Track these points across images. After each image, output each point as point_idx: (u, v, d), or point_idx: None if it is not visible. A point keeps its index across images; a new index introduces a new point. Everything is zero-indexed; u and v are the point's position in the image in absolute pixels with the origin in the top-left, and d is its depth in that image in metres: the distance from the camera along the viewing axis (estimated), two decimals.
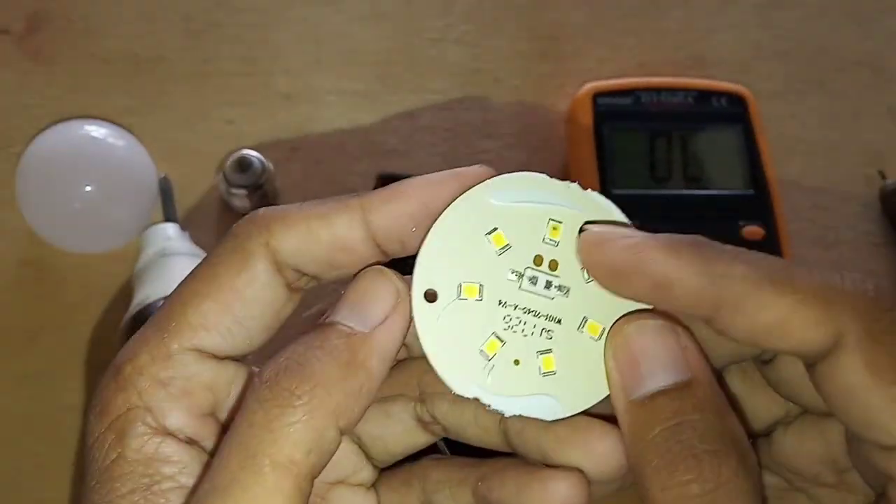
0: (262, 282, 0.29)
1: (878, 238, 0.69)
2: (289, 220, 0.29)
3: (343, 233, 0.29)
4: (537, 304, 0.30)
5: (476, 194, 0.30)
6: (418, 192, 0.30)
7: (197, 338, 0.29)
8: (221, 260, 0.29)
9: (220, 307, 0.29)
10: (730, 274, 0.27)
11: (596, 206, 0.30)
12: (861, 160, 0.71)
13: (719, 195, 0.64)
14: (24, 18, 0.75)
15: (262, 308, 0.30)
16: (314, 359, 0.27)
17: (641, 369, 0.28)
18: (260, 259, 0.29)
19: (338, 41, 0.75)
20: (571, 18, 0.77)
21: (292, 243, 0.29)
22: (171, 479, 0.28)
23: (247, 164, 0.65)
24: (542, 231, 0.30)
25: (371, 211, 0.29)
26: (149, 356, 0.29)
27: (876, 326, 0.26)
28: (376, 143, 0.71)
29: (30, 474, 0.60)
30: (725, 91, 0.67)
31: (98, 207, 0.63)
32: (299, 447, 0.26)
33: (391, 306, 0.29)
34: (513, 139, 0.72)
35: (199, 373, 0.29)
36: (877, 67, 0.75)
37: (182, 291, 0.29)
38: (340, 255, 0.30)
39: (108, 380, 0.29)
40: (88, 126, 0.65)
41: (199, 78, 0.73)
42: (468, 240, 0.30)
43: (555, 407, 0.29)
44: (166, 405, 0.28)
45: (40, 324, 0.64)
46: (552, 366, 0.29)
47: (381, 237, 0.29)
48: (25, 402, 0.61)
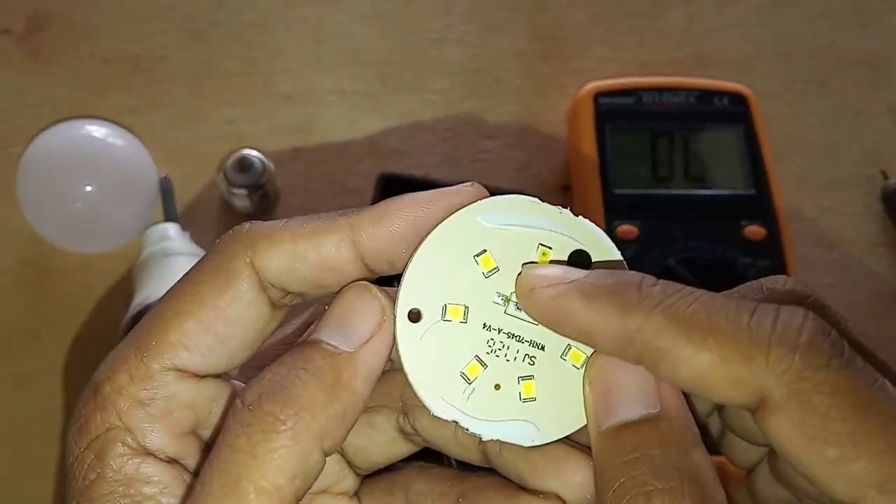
0: (246, 301, 0.29)
1: (879, 238, 0.69)
2: (275, 238, 0.29)
3: (331, 253, 0.29)
4: (522, 329, 0.29)
5: (466, 215, 0.29)
6: (408, 212, 0.29)
7: (178, 357, 0.28)
8: (204, 278, 0.29)
9: (202, 327, 0.28)
10: (646, 326, 0.26)
11: (586, 232, 0.30)
12: (862, 160, 0.71)
13: (721, 195, 0.64)
14: (24, 18, 0.75)
15: (244, 327, 0.29)
16: (298, 381, 0.26)
17: (612, 400, 0.28)
18: (244, 279, 0.28)
19: (338, 41, 0.75)
20: (572, 18, 0.77)
21: (278, 263, 0.28)
22: (151, 499, 0.27)
23: (247, 164, 0.65)
24: (531, 255, 0.29)
25: (360, 231, 0.29)
26: (128, 375, 0.28)
27: (804, 385, 0.25)
28: (377, 143, 0.71)
29: (29, 474, 0.60)
30: (727, 91, 0.67)
31: (98, 207, 0.63)
32: (284, 473, 0.26)
33: (376, 324, 0.28)
34: (514, 139, 0.72)
35: (179, 392, 0.28)
36: (878, 67, 0.75)
37: (164, 309, 0.29)
38: (327, 275, 0.29)
39: (86, 398, 0.28)
40: (89, 126, 0.65)
41: (200, 78, 0.73)
42: (456, 260, 0.29)
43: (533, 433, 0.29)
44: (146, 426, 0.28)
45: (41, 323, 0.64)
46: (533, 392, 0.29)
47: (370, 257, 0.29)
48: (25, 401, 0.61)
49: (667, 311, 0.26)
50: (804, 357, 0.25)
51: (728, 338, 0.25)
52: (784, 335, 0.25)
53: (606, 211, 0.62)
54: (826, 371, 0.25)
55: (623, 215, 0.62)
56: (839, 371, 0.25)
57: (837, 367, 0.25)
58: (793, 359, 0.25)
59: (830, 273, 0.67)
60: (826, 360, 0.25)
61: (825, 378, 0.25)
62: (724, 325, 0.26)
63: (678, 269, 0.60)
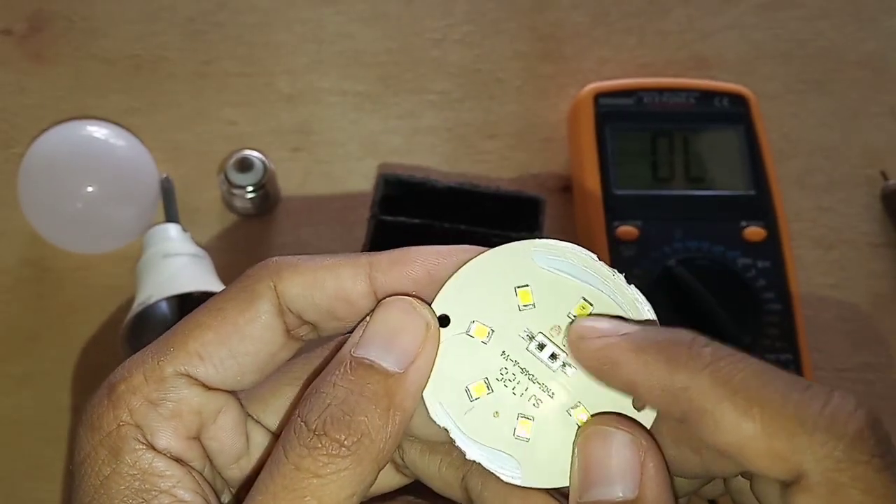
0: (263, 322, 0.30)
1: (879, 238, 0.69)
2: (299, 267, 0.31)
3: (347, 285, 0.30)
4: (537, 370, 0.29)
5: (523, 247, 0.30)
6: (425, 260, 0.30)
7: (191, 365, 0.30)
8: (229, 297, 0.31)
9: (219, 339, 0.30)
10: (693, 385, 0.26)
11: (631, 301, 0.30)
12: (862, 160, 0.71)
13: (721, 195, 0.64)
14: (25, 19, 0.75)
15: (258, 347, 0.31)
16: (359, 409, 0.28)
17: (593, 475, 0.28)
18: (265, 300, 0.30)
19: (339, 42, 0.75)
20: (573, 19, 0.77)
21: (298, 289, 0.30)
22: (167, 493, 0.29)
23: (248, 165, 0.65)
24: (570, 305, 0.30)
25: (378, 269, 0.30)
26: (142, 377, 0.30)
27: (841, 477, 0.25)
28: (378, 143, 0.71)
29: (29, 475, 0.60)
30: (727, 91, 0.67)
31: (100, 208, 0.63)
32: (345, 490, 0.27)
33: (422, 341, 0.29)
34: (514, 140, 0.72)
35: (188, 397, 0.30)
36: (878, 68, 0.75)
37: (187, 321, 0.31)
38: (341, 306, 0.30)
39: (100, 397, 0.30)
40: (90, 126, 0.66)
41: (201, 78, 0.73)
42: (497, 285, 0.30)
43: (515, 472, 0.29)
44: (156, 424, 0.29)
45: (42, 324, 0.64)
46: (528, 432, 0.29)
47: (382, 295, 0.30)
48: (26, 402, 0.61)
49: (715, 374, 0.26)
50: (847, 447, 0.25)
51: (775, 411, 0.25)
52: (833, 420, 0.25)
53: (607, 211, 0.63)
54: (865, 467, 0.25)
55: (623, 216, 0.62)
56: (879, 471, 0.25)
57: (878, 467, 0.25)
58: (835, 446, 0.25)
59: (830, 273, 0.67)
60: (868, 456, 0.25)
61: (863, 474, 0.25)
62: (772, 397, 0.26)
63: (678, 269, 0.60)
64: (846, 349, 0.65)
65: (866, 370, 0.64)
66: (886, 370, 0.64)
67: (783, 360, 0.59)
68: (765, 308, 0.60)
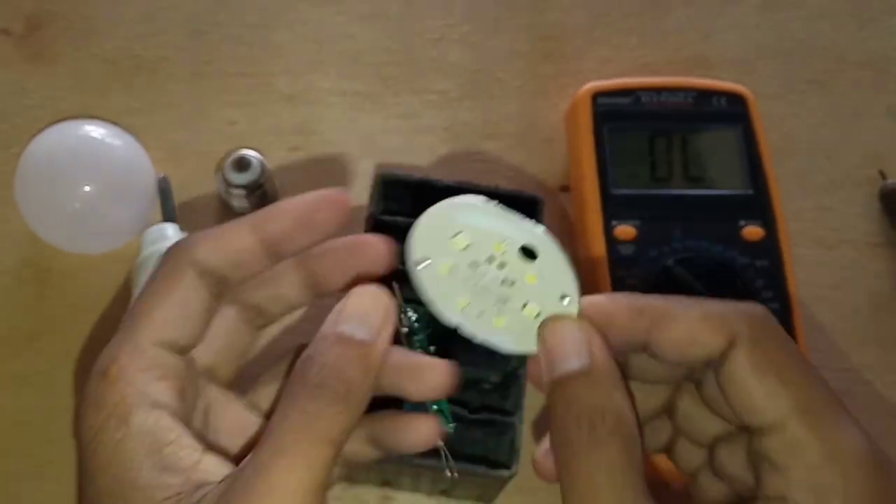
0: (194, 286, 0.38)
1: (878, 238, 0.69)
2: (205, 235, 0.39)
3: (243, 239, 0.39)
4: (492, 286, 0.40)
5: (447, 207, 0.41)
6: (293, 210, 0.40)
7: (159, 333, 0.37)
8: (161, 273, 0.38)
9: (170, 306, 0.38)
10: (651, 303, 0.38)
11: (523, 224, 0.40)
12: (861, 160, 0.71)
13: (719, 195, 0.64)
14: (24, 19, 0.75)
15: (197, 306, 0.38)
16: (347, 368, 0.36)
17: (555, 356, 0.38)
18: (189, 269, 0.38)
19: (339, 42, 0.75)
20: (572, 19, 0.77)
21: (207, 250, 0.38)
22: (175, 442, 0.35)
23: (245, 164, 0.65)
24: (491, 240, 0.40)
25: (262, 222, 0.39)
26: (127, 356, 0.36)
27: (760, 332, 0.36)
28: (377, 143, 0.71)
29: (29, 475, 0.60)
30: (725, 91, 0.67)
31: (97, 208, 0.63)
32: (341, 426, 0.35)
33: (384, 318, 0.38)
34: (514, 139, 0.72)
35: (167, 361, 0.37)
36: (877, 68, 0.75)
37: (139, 303, 0.38)
38: (242, 256, 0.39)
39: (96, 382, 0.36)
40: (87, 126, 0.65)
41: (200, 78, 0.73)
42: (442, 236, 0.41)
43: (507, 344, 0.40)
44: (152, 386, 0.36)
45: (40, 324, 0.64)
46: (503, 323, 0.40)
47: (269, 241, 0.39)
48: (25, 402, 0.61)
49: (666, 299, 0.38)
50: (761, 317, 0.37)
51: (710, 306, 0.37)
52: (746, 306, 0.37)
53: (605, 211, 0.62)
54: (775, 331, 0.36)
55: (621, 215, 0.62)
56: (781, 335, 0.36)
57: (780, 333, 0.37)
58: (753, 317, 0.36)
59: (829, 273, 0.67)
60: (773, 327, 0.37)
61: (774, 333, 0.36)
62: (707, 302, 0.37)
63: (677, 269, 0.60)
64: (845, 349, 0.65)
65: (866, 370, 0.64)
66: (886, 370, 0.64)
67: None
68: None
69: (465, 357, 0.55)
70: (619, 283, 0.60)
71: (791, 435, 0.34)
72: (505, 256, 0.40)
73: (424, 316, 0.50)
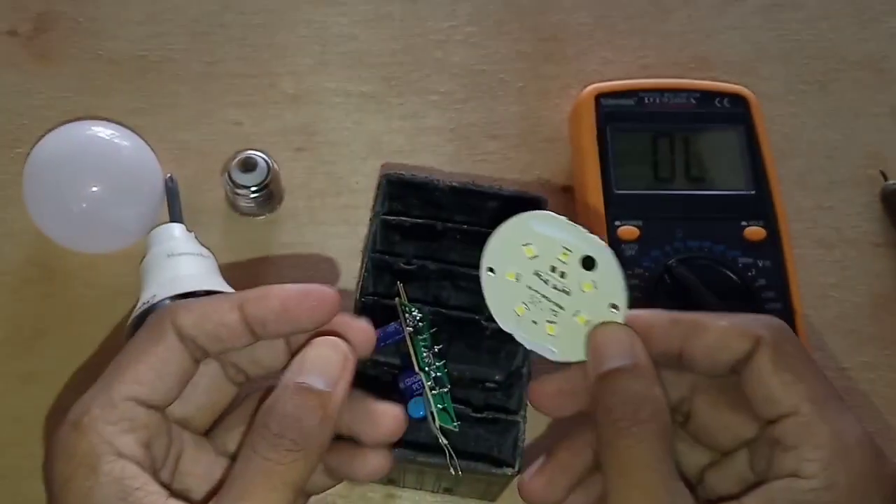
0: (173, 350, 0.41)
1: (879, 238, 0.69)
2: (189, 306, 0.41)
3: (226, 316, 0.41)
4: (550, 294, 0.44)
5: (524, 220, 0.44)
6: (279, 295, 0.41)
7: (132, 391, 0.40)
8: (143, 337, 0.41)
9: (146, 367, 0.40)
10: (687, 317, 0.42)
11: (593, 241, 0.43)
12: (862, 160, 0.72)
13: (721, 195, 0.64)
14: (31, 20, 0.76)
15: (173, 368, 0.41)
16: (305, 418, 0.39)
17: (604, 354, 0.42)
18: (170, 332, 0.41)
19: (343, 42, 0.76)
20: (575, 20, 0.77)
21: (190, 321, 0.41)
22: (140, 489, 0.38)
23: (252, 165, 0.66)
24: (556, 252, 0.44)
25: (247, 303, 0.41)
26: (99, 408, 0.39)
27: (779, 337, 0.41)
28: (381, 143, 0.71)
29: (33, 474, 0.60)
30: (727, 92, 0.67)
31: (104, 208, 0.63)
32: (300, 473, 0.38)
33: (342, 369, 0.41)
34: (517, 140, 0.72)
35: (137, 415, 0.40)
36: (878, 68, 0.76)
37: (118, 359, 0.41)
38: (223, 331, 0.41)
39: (67, 431, 0.38)
40: (94, 127, 0.66)
41: (206, 79, 0.74)
42: (514, 245, 0.44)
43: (553, 354, 0.45)
44: (119, 439, 0.38)
45: (47, 323, 0.64)
46: (554, 332, 0.45)
47: (251, 320, 0.41)
48: (31, 400, 0.62)
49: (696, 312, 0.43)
50: (780, 327, 0.42)
51: (735, 318, 0.42)
52: (767, 318, 0.42)
53: (608, 211, 0.63)
54: (791, 338, 0.42)
55: (624, 215, 0.63)
56: (796, 341, 0.42)
57: (795, 339, 0.42)
58: (773, 326, 0.42)
59: (830, 273, 0.67)
60: (790, 334, 0.42)
61: (790, 339, 0.41)
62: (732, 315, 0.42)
63: (679, 268, 0.60)
64: (847, 348, 0.65)
65: (867, 369, 0.65)
66: (887, 370, 0.65)
67: None
68: (765, 307, 0.60)
69: (470, 356, 0.55)
70: None
71: (803, 419, 0.40)
72: (567, 266, 0.44)
73: (428, 315, 0.50)
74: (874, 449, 0.40)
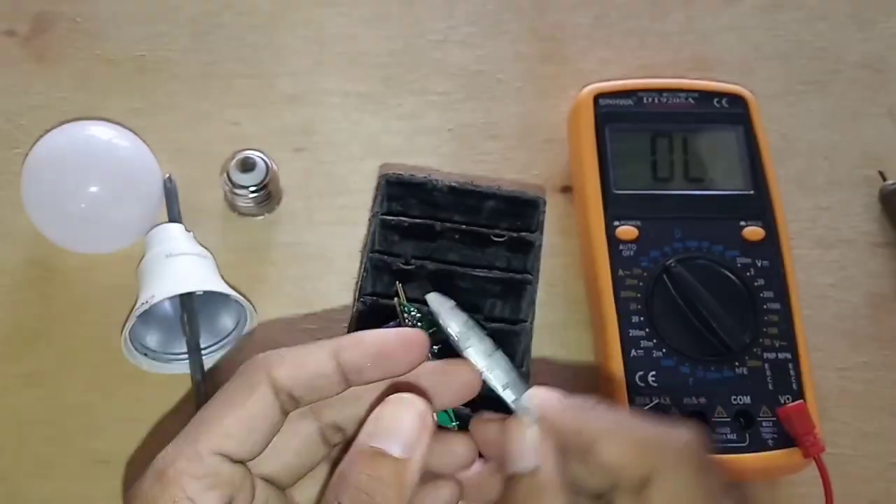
0: (266, 403, 0.39)
1: (877, 238, 0.69)
2: (285, 358, 0.39)
3: (321, 366, 0.39)
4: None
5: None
6: (376, 343, 0.39)
7: (220, 445, 0.38)
8: (235, 388, 0.39)
9: (236, 420, 0.38)
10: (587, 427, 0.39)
11: None
12: (861, 161, 0.72)
13: (720, 195, 0.64)
14: (29, 20, 0.76)
15: (263, 423, 0.39)
16: (378, 492, 0.36)
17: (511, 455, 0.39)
18: (264, 386, 0.39)
19: (342, 43, 0.76)
20: (573, 20, 0.78)
21: (285, 372, 0.39)
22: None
23: (250, 165, 0.66)
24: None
25: (342, 351, 0.39)
26: (185, 460, 0.37)
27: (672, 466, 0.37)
28: (380, 143, 0.71)
29: (33, 473, 0.60)
30: (726, 92, 0.67)
31: (103, 208, 0.63)
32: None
33: (419, 428, 0.38)
34: (515, 140, 0.72)
35: (222, 471, 0.38)
36: (877, 69, 0.76)
37: (207, 410, 0.39)
38: (319, 381, 0.39)
39: (151, 482, 0.37)
40: (93, 127, 0.66)
41: (204, 79, 0.74)
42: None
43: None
44: (202, 495, 0.37)
45: (46, 323, 0.64)
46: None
47: (347, 368, 0.39)
48: (31, 400, 0.62)
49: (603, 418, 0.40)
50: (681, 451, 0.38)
51: (637, 436, 0.39)
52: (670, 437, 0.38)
53: (606, 211, 0.63)
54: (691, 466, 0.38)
55: (623, 216, 0.63)
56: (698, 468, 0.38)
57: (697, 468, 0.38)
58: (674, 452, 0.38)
59: (829, 273, 0.68)
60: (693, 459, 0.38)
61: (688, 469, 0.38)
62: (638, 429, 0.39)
63: (677, 269, 0.60)
64: (845, 348, 0.65)
65: (865, 369, 0.65)
66: (885, 369, 0.65)
67: (782, 359, 0.59)
68: (764, 307, 0.60)
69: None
70: (620, 284, 0.61)
71: None
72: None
73: (427, 315, 0.50)
74: None
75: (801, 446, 0.57)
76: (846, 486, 0.61)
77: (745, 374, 0.59)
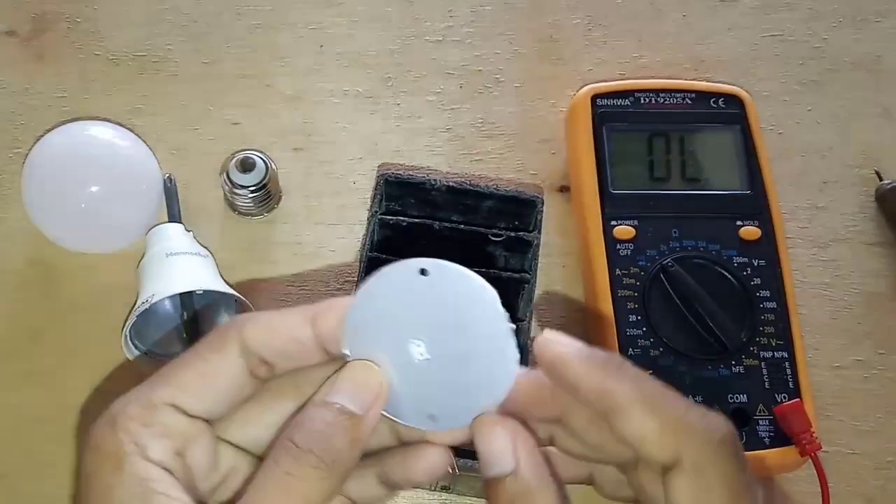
0: (229, 362, 0.39)
1: (874, 238, 0.69)
2: (259, 319, 0.39)
3: (296, 331, 0.39)
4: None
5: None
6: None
7: (173, 396, 0.38)
8: (205, 343, 0.39)
9: (196, 375, 0.39)
10: (617, 390, 0.36)
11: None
12: (857, 161, 0.72)
13: (716, 195, 0.64)
14: (30, 20, 0.76)
15: (224, 381, 0.39)
16: (335, 438, 0.37)
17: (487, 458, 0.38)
18: (232, 344, 0.39)
19: (340, 43, 0.76)
20: (571, 21, 0.78)
21: (257, 334, 0.39)
22: (162, 493, 0.36)
23: (250, 165, 0.66)
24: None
25: (317, 316, 0.39)
26: (138, 407, 0.38)
27: (703, 457, 0.36)
28: (378, 143, 0.72)
29: (34, 472, 0.60)
30: (723, 92, 0.68)
31: (103, 208, 0.63)
32: (321, 493, 0.37)
33: (377, 394, 0.39)
34: (514, 140, 0.72)
35: (174, 422, 0.38)
36: (873, 69, 0.76)
37: (173, 362, 0.39)
38: (293, 347, 0.39)
39: (103, 425, 0.38)
40: (93, 127, 0.66)
41: (204, 79, 0.74)
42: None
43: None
44: (150, 441, 0.37)
45: (46, 323, 0.64)
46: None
47: (324, 338, 0.39)
48: (31, 399, 0.62)
49: (633, 384, 0.37)
50: (709, 434, 0.36)
51: (667, 413, 0.36)
52: (699, 420, 0.36)
53: (604, 211, 0.63)
54: (725, 462, 0.36)
55: (620, 215, 0.63)
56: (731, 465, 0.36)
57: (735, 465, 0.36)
58: (701, 436, 0.36)
59: (825, 273, 0.68)
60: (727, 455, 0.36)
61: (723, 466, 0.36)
62: (666, 405, 0.36)
63: (674, 268, 0.61)
64: (841, 347, 0.66)
65: (861, 368, 0.65)
66: (881, 368, 0.65)
67: (778, 358, 0.59)
68: (760, 306, 0.61)
69: None
70: (617, 283, 0.61)
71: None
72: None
73: None
74: None
75: (798, 445, 0.57)
76: (842, 483, 0.61)
77: (742, 373, 0.59)
